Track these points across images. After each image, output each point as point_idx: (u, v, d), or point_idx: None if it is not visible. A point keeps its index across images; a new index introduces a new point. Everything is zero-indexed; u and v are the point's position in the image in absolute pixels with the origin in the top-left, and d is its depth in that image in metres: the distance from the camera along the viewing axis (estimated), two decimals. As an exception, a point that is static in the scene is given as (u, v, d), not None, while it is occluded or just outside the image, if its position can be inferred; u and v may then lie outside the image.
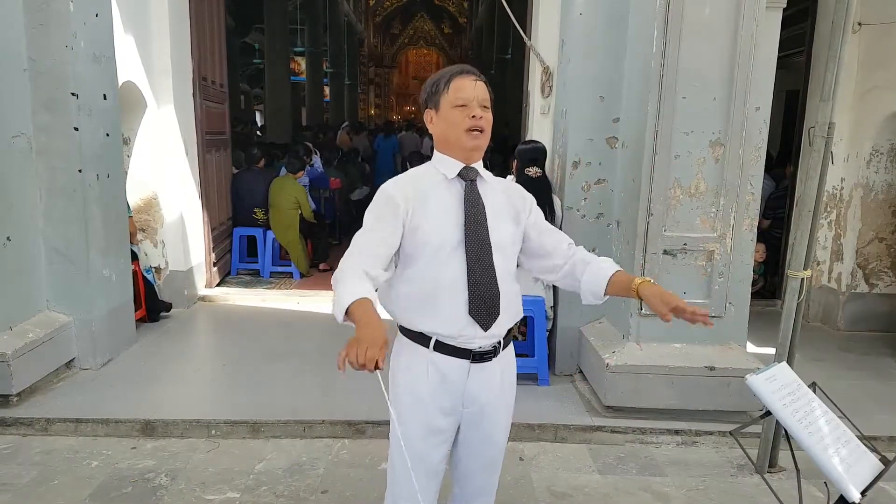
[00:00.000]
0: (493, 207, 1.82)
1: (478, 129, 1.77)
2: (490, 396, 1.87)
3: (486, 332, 1.79)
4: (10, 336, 3.65)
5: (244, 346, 4.73)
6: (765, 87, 3.47)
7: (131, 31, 4.77)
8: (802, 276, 2.98)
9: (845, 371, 4.46)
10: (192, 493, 2.94)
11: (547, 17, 4.49)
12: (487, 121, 1.79)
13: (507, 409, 1.95)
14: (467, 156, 1.81)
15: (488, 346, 1.82)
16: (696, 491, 3.06)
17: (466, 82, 1.77)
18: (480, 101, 1.77)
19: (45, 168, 3.91)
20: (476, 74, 1.82)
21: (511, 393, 1.96)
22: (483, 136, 1.79)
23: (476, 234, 1.77)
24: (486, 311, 1.77)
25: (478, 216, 1.78)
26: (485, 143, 1.81)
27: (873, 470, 1.91)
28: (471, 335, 1.78)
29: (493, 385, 1.87)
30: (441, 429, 1.86)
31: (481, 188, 1.82)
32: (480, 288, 1.76)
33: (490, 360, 1.84)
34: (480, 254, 1.76)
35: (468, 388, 1.83)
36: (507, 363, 1.92)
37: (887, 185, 5.18)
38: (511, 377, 1.95)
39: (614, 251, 3.96)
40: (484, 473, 1.97)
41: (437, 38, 32.10)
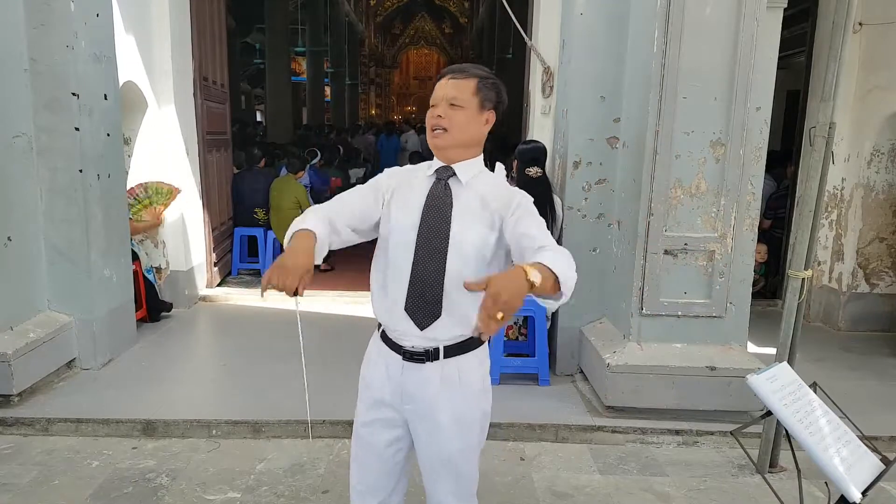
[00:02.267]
0: (464, 209, 1.75)
1: (437, 127, 1.74)
2: (427, 400, 1.80)
3: (422, 333, 1.76)
4: (10, 336, 3.65)
5: (245, 346, 4.73)
6: (765, 86, 3.47)
7: (132, 31, 4.77)
8: (803, 276, 2.98)
9: (846, 371, 4.45)
10: (192, 493, 2.94)
11: (548, 17, 4.49)
12: (452, 119, 1.73)
13: (457, 419, 1.81)
14: (438, 156, 1.81)
15: (420, 348, 1.78)
16: (697, 491, 3.06)
17: (441, 82, 1.78)
18: (449, 98, 1.73)
19: (45, 168, 3.91)
20: (455, 73, 1.78)
21: (464, 403, 1.81)
22: (445, 135, 1.74)
23: (430, 231, 1.75)
24: (424, 310, 1.74)
25: (436, 215, 1.76)
26: (446, 143, 1.75)
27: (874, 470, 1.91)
28: (404, 331, 1.78)
29: (430, 390, 1.79)
30: (384, 416, 1.87)
31: (455, 188, 1.78)
32: (422, 285, 1.74)
33: (423, 363, 1.78)
34: (431, 252, 1.74)
35: (404, 385, 1.82)
36: (456, 371, 1.79)
37: (888, 185, 5.18)
38: (466, 388, 1.81)
39: (615, 251, 3.96)
40: (441, 478, 1.87)
41: (437, 38, 32.09)
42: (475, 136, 1.79)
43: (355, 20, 23.85)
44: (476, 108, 1.75)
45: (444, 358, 1.78)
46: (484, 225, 1.74)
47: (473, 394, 1.83)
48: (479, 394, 1.85)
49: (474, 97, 1.74)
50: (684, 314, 3.56)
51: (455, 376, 1.79)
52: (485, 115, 1.78)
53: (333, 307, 5.71)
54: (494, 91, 1.79)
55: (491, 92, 1.78)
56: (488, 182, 1.81)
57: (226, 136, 6.43)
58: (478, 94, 1.75)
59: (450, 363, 1.79)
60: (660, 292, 3.53)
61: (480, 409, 1.86)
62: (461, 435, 1.83)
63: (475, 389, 1.83)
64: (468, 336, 1.78)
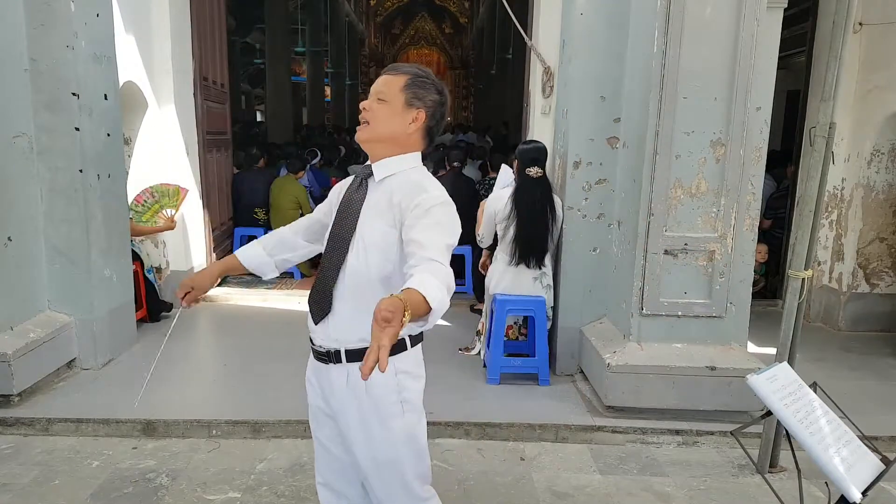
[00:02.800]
0: (372, 206, 1.75)
1: (362, 120, 1.76)
2: (337, 401, 1.79)
3: (316, 327, 1.79)
4: (11, 336, 3.65)
5: (245, 346, 4.73)
6: (766, 86, 3.47)
7: (132, 31, 4.77)
8: (803, 277, 2.98)
9: (846, 371, 4.45)
10: (193, 493, 2.94)
11: (548, 17, 4.49)
12: (375, 113, 1.73)
13: (363, 429, 1.76)
14: (365, 150, 1.83)
15: (324, 349, 1.78)
16: (698, 491, 3.06)
17: (377, 80, 1.80)
18: (375, 93, 1.75)
19: (46, 168, 3.91)
20: (388, 70, 1.79)
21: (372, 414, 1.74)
22: (365, 128, 1.75)
23: (337, 229, 1.78)
24: (317, 302, 1.78)
25: (345, 213, 1.79)
26: (366, 136, 1.75)
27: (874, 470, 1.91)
28: (310, 327, 1.83)
29: (338, 392, 1.78)
30: (319, 407, 1.89)
31: (371, 186, 1.79)
32: (321, 279, 1.78)
33: (327, 364, 1.78)
34: (336, 248, 1.76)
35: (320, 383, 1.85)
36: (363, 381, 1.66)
37: (888, 185, 5.18)
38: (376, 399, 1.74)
39: (615, 251, 3.96)
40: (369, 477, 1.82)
41: (438, 38, 32.08)
42: (397, 132, 1.74)
43: (355, 20, 23.85)
44: (401, 104, 1.73)
45: (347, 362, 1.74)
46: (386, 222, 1.70)
47: (384, 405, 1.74)
48: (393, 406, 1.75)
49: (401, 93, 1.73)
50: (684, 314, 3.56)
51: (361, 384, 1.72)
52: (412, 112, 1.74)
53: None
54: (427, 90, 1.75)
55: (422, 90, 1.74)
56: (405, 179, 1.75)
57: (226, 136, 6.43)
58: (405, 90, 1.73)
59: (355, 368, 1.72)
60: (660, 292, 3.53)
61: (400, 423, 1.75)
62: (369, 446, 1.77)
63: (387, 402, 1.74)
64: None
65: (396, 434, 1.77)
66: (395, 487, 1.81)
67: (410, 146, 1.78)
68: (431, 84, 1.77)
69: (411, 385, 1.79)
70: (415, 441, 1.81)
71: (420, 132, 1.77)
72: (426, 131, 1.79)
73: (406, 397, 1.77)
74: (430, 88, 1.76)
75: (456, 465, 3.24)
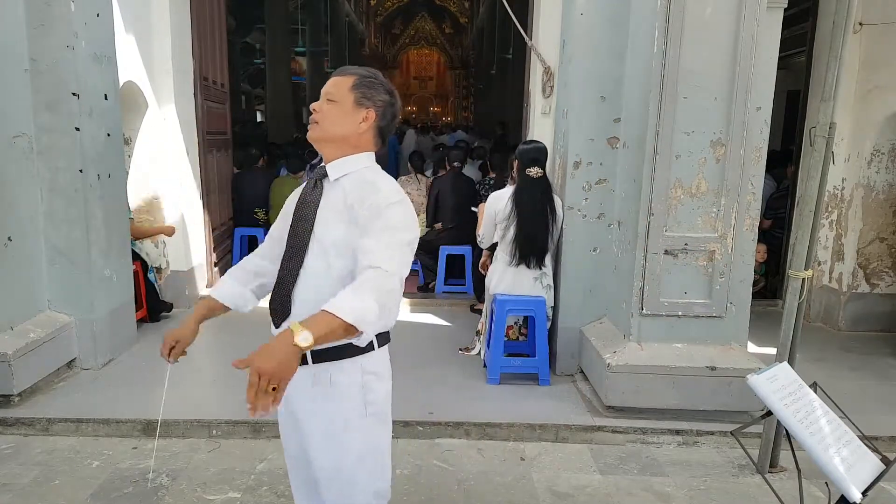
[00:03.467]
0: (329, 207, 1.74)
1: (312, 121, 1.76)
2: (299, 405, 1.77)
3: (277, 330, 1.76)
4: (11, 336, 3.65)
5: (245, 346, 4.67)
6: (766, 87, 3.47)
7: (132, 31, 4.77)
8: (803, 277, 2.98)
9: (846, 371, 4.45)
10: (193, 493, 2.94)
11: (548, 17, 4.49)
12: (324, 113, 1.73)
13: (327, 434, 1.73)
14: (318, 151, 1.83)
15: None
16: (698, 491, 3.06)
17: (329, 80, 1.80)
18: (324, 94, 1.75)
19: (46, 168, 3.91)
20: (338, 72, 1.79)
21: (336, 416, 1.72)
22: (314, 127, 1.74)
23: (294, 231, 1.78)
24: (276, 304, 1.78)
25: (301, 215, 1.78)
26: (316, 135, 1.75)
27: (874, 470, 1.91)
28: (273, 331, 1.82)
29: (302, 395, 1.74)
30: (285, 419, 1.89)
31: (326, 187, 1.78)
32: (280, 282, 1.78)
33: None
34: (294, 250, 1.76)
35: None
36: (328, 379, 1.71)
37: (888, 185, 5.18)
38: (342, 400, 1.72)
39: (615, 251, 3.96)
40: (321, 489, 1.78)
41: (438, 38, 32.09)
42: (348, 132, 1.74)
43: (356, 20, 23.86)
44: (350, 104, 1.73)
45: (314, 363, 1.70)
46: (345, 222, 1.69)
47: (349, 406, 1.72)
48: (358, 407, 1.73)
49: (350, 93, 1.73)
50: (685, 314, 3.56)
51: (326, 384, 1.71)
52: (361, 112, 1.74)
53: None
54: (375, 90, 1.76)
55: (371, 90, 1.75)
56: (359, 178, 1.75)
57: (226, 136, 6.42)
58: (354, 90, 1.73)
59: (321, 369, 1.70)
60: (660, 292, 3.53)
61: (360, 428, 1.73)
62: (333, 452, 1.74)
63: (352, 402, 1.72)
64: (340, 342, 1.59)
65: (358, 439, 1.74)
66: (349, 498, 1.76)
67: (362, 146, 1.79)
68: (380, 84, 1.78)
69: (377, 386, 1.77)
70: (376, 450, 1.79)
71: (371, 131, 1.78)
72: (377, 131, 1.79)
73: (370, 399, 1.75)
74: (378, 88, 1.77)
75: (456, 465, 3.24)
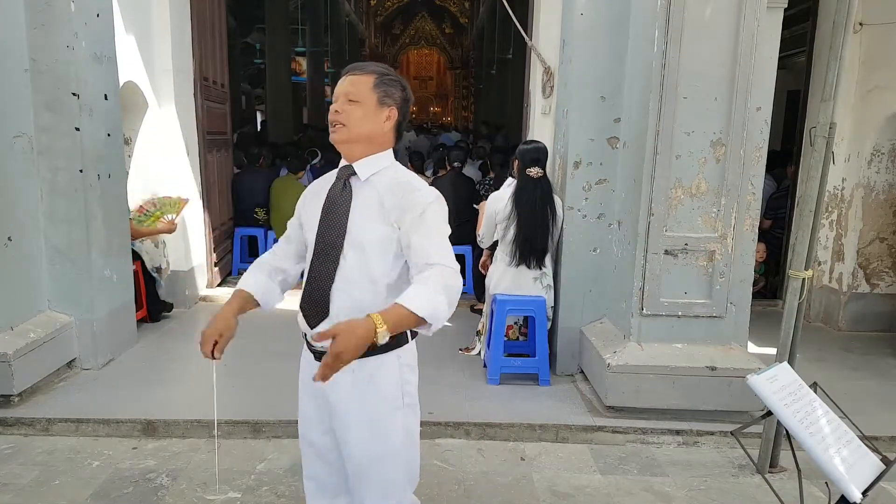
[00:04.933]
0: (363, 207, 1.76)
1: (335, 122, 1.75)
2: (339, 401, 1.79)
3: (313, 330, 1.78)
4: (11, 336, 3.65)
5: (245, 346, 4.69)
6: (766, 87, 3.47)
7: (132, 31, 4.77)
8: (804, 277, 2.98)
9: (846, 371, 4.45)
10: (193, 493, 2.94)
11: (548, 18, 4.49)
12: (349, 115, 1.73)
13: (368, 424, 1.78)
14: (342, 152, 1.83)
15: (325, 348, 1.73)
16: (698, 491, 3.06)
17: (341, 80, 1.79)
18: (345, 94, 1.75)
19: (46, 168, 3.91)
20: (354, 70, 1.78)
21: (377, 408, 1.78)
22: (341, 129, 1.74)
23: (325, 232, 1.78)
24: (312, 307, 1.80)
25: (332, 215, 1.78)
26: (342, 137, 1.75)
27: (874, 470, 1.91)
28: (306, 329, 1.83)
29: (341, 391, 1.77)
30: (314, 413, 1.90)
31: (356, 186, 1.79)
32: (313, 283, 1.79)
33: None
34: (326, 251, 1.77)
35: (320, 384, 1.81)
36: (368, 374, 1.76)
37: (888, 185, 5.18)
38: (381, 392, 1.77)
39: (616, 251, 3.96)
40: (358, 483, 1.83)
41: (438, 39, 32.07)
42: (374, 131, 1.76)
43: (356, 20, 23.84)
44: (374, 103, 1.75)
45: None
46: (382, 222, 1.72)
47: (389, 399, 1.78)
48: (396, 399, 1.79)
49: (372, 93, 1.74)
50: (685, 314, 3.56)
51: (367, 379, 1.76)
52: (384, 111, 1.76)
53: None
54: (395, 88, 1.78)
55: (391, 88, 1.77)
56: (391, 177, 1.78)
57: (226, 136, 6.42)
58: (376, 89, 1.75)
59: (361, 365, 1.72)
60: (660, 292, 3.53)
61: (400, 414, 1.79)
62: (377, 440, 1.78)
63: (391, 394, 1.78)
64: None
65: (397, 428, 1.80)
66: (386, 487, 1.82)
67: (385, 144, 1.82)
68: (397, 81, 1.80)
69: (411, 377, 1.85)
70: (411, 437, 1.85)
71: (392, 129, 1.80)
72: (397, 127, 1.82)
73: (407, 389, 1.82)
74: (396, 86, 1.79)
75: (456, 465, 3.24)
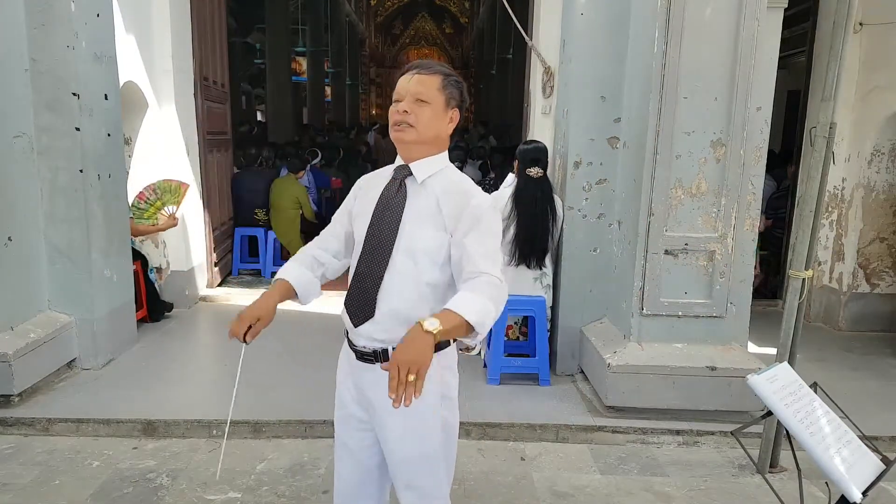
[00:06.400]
0: (417, 210, 1.74)
1: (403, 122, 1.72)
2: (380, 402, 1.78)
3: (357, 329, 1.78)
4: (11, 336, 3.65)
5: (249, 348, 4.71)
6: (766, 86, 3.47)
7: (133, 31, 4.77)
8: (804, 277, 2.98)
9: (847, 371, 4.45)
10: (193, 493, 2.94)
11: (548, 18, 4.49)
12: (418, 115, 1.70)
13: (411, 425, 1.77)
14: (401, 152, 1.81)
15: (369, 349, 1.78)
16: (698, 491, 3.06)
17: (404, 78, 1.76)
18: (413, 94, 1.71)
19: (46, 168, 3.91)
20: (421, 68, 1.75)
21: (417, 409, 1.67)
22: (409, 130, 1.71)
23: (377, 233, 1.76)
24: (357, 306, 1.78)
25: (385, 216, 1.76)
26: (411, 138, 1.72)
27: (874, 470, 1.91)
28: (350, 328, 1.82)
29: (382, 392, 1.71)
30: (353, 414, 1.88)
31: (412, 188, 1.77)
32: (360, 283, 1.77)
33: (373, 363, 1.77)
34: (376, 251, 1.75)
35: (360, 385, 1.84)
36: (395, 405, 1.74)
37: (888, 185, 5.18)
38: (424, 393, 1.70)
39: (616, 251, 3.96)
40: (401, 484, 1.84)
41: (438, 38, 32.10)
42: (440, 133, 1.76)
43: (356, 20, 23.85)
44: (442, 105, 1.73)
45: None
46: (436, 227, 1.71)
47: (429, 400, 1.76)
48: (438, 400, 1.79)
49: (440, 94, 1.73)
50: (685, 314, 3.56)
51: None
52: (449, 112, 1.76)
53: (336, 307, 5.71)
54: (458, 89, 1.77)
55: (455, 90, 1.76)
56: (447, 181, 1.77)
57: (226, 136, 6.43)
58: (443, 90, 1.73)
59: None
60: (660, 292, 3.52)
61: (440, 416, 1.80)
62: (417, 441, 1.79)
63: (432, 395, 1.77)
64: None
65: (437, 429, 1.80)
66: (426, 486, 1.83)
67: (444, 146, 1.81)
68: (458, 83, 1.79)
69: (451, 380, 1.84)
70: (451, 438, 1.86)
71: (451, 131, 1.81)
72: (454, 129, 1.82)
73: (446, 393, 1.82)
74: (460, 87, 1.78)
75: (456, 465, 3.23)
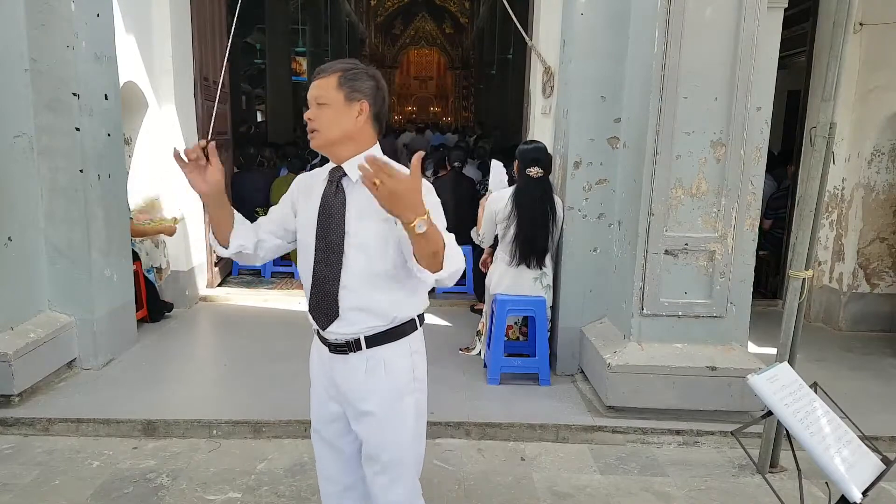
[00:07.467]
0: (359, 207, 1.75)
1: (311, 130, 1.75)
2: (354, 391, 1.83)
3: (327, 331, 1.81)
4: (11, 336, 3.65)
5: (245, 346, 4.73)
6: (766, 86, 3.47)
7: (133, 31, 4.77)
8: (804, 277, 2.98)
9: (847, 371, 4.45)
10: (193, 493, 2.94)
11: (548, 18, 4.50)
12: (319, 119, 1.73)
13: (384, 410, 1.81)
14: (328, 155, 1.82)
15: (342, 340, 1.81)
16: (698, 491, 3.06)
17: (310, 86, 1.77)
18: (313, 98, 1.74)
19: (46, 168, 3.91)
20: (318, 73, 1.76)
21: (391, 394, 1.82)
22: (316, 135, 1.74)
23: (324, 235, 1.78)
24: (321, 309, 1.80)
25: (329, 218, 1.77)
26: (319, 142, 1.75)
27: (874, 470, 1.91)
28: (315, 327, 1.85)
29: (356, 380, 1.82)
30: (328, 408, 1.91)
31: (348, 187, 1.78)
32: (319, 286, 1.79)
33: (346, 354, 1.81)
34: (328, 255, 1.77)
35: (333, 376, 1.86)
36: (381, 361, 1.81)
37: (888, 185, 5.18)
38: (393, 378, 1.82)
39: (615, 251, 3.96)
40: (374, 470, 1.86)
41: (438, 39, 32.08)
42: (349, 129, 1.75)
43: (356, 20, 23.84)
44: (341, 102, 1.73)
45: (368, 348, 1.80)
46: (380, 219, 1.69)
47: (401, 384, 1.83)
48: (408, 384, 1.85)
49: (338, 92, 1.73)
50: (685, 314, 3.56)
51: (380, 366, 1.81)
52: (355, 106, 1.74)
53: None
54: (362, 80, 1.76)
55: (357, 82, 1.74)
56: None
57: (226, 136, 6.42)
58: (341, 87, 1.73)
59: (374, 353, 1.80)
60: (660, 292, 3.52)
61: (412, 399, 1.85)
62: (391, 426, 1.83)
63: (403, 379, 1.84)
64: (390, 325, 1.80)
65: (409, 413, 1.85)
66: (399, 470, 1.86)
67: (367, 140, 1.79)
68: (362, 72, 1.77)
69: (420, 363, 1.89)
70: (421, 420, 1.90)
71: (369, 121, 1.79)
72: (374, 118, 1.80)
73: (417, 375, 1.87)
74: (362, 77, 1.77)
75: (456, 465, 3.24)
